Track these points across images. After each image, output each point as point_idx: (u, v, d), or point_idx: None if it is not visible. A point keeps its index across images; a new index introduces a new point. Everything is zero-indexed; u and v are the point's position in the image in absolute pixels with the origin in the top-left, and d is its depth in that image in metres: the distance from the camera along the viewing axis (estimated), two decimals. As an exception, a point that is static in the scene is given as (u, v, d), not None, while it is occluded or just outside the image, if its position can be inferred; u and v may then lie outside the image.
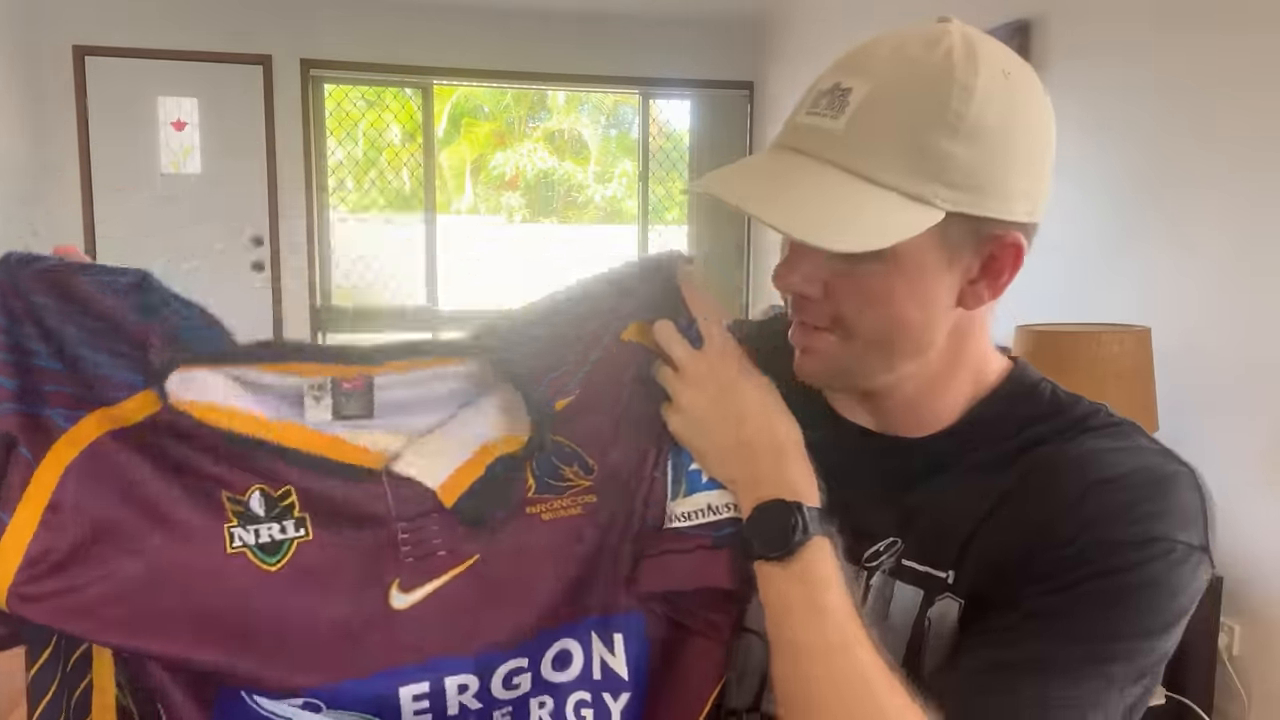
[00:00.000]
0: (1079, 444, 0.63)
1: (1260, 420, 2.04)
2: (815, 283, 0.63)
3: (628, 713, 0.62)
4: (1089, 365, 1.92)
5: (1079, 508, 0.59)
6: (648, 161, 5.45)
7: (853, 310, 0.62)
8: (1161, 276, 2.33)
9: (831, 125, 0.59)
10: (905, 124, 0.58)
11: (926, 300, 0.63)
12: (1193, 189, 2.23)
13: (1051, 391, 0.68)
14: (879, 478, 0.68)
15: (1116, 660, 0.57)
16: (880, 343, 0.63)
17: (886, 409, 0.69)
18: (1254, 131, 2.06)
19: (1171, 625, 0.59)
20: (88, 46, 4.47)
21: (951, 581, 0.63)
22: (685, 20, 5.10)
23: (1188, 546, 0.58)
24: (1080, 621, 0.57)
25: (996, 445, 0.66)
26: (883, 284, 0.61)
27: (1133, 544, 0.57)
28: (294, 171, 4.78)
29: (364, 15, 4.78)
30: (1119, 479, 0.60)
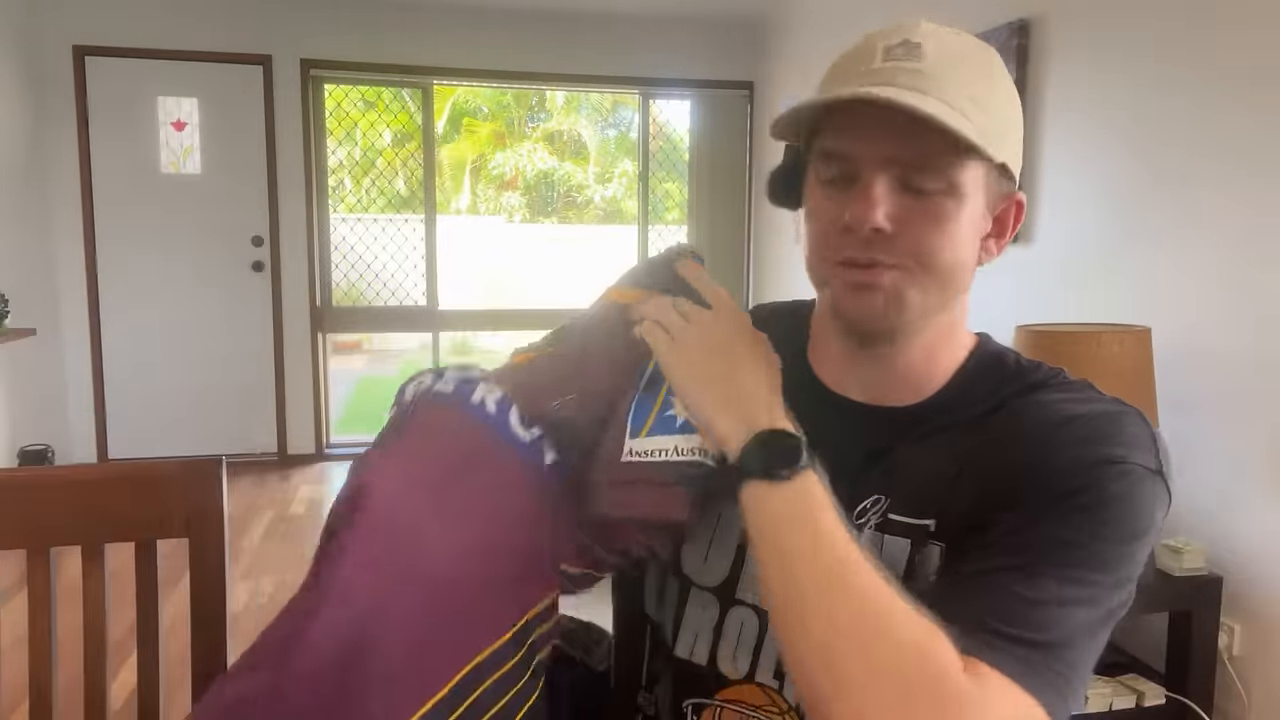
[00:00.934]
0: (1040, 397, 0.70)
1: (1260, 420, 2.04)
2: (891, 219, 0.66)
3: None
4: (1089, 365, 1.92)
5: (1040, 446, 0.65)
6: (648, 161, 5.45)
7: (928, 242, 0.66)
8: (1161, 276, 2.33)
9: (916, 66, 0.65)
10: (971, 75, 0.66)
11: (973, 241, 0.70)
12: (1193, 189, 2.23)
13: (1015, 359, 0.75)
14: (865, 443, 0.73)
15: (1081, 566, 0.61)
16: (943, 277, 0.68)
17: (889, 372, 0.74)
18: (1254, 131, 2.06)
19: (1132, 538, 0.62)
20: (88, 46, 4.47)
21: (933, 529, 0.68)
22: (685, 20, 5.10)
23: (1143, 468, 0.64)
24: (1044, 532, 0.62)
25: (971, 408, 0.72)
26: (953, 216, 0.66)
27: (1089, 464, 0.63)
28: (294, 171, 4.78)
29: (364, 15, 4.79)
30: (1076, 419, 0.67)
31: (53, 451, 4.14)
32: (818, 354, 0.79)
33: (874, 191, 0.65)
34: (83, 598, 0.94)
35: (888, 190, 0.65)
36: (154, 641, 0.96)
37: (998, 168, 0.68)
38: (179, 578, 0.98)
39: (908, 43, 0.66)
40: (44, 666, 0.93)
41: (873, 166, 0.66)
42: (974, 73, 0.66)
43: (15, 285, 3.93)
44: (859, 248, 0.67)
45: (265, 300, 4.84)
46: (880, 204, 0.65)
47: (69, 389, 4.64)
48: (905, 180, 0.66)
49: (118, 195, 4.60)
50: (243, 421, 4.89)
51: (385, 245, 5.26)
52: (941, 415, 0.72)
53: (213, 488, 0.96)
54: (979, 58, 0.68)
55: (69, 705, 0.97)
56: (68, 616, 0.99)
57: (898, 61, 0.65)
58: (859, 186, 0.66)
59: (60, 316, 4.58)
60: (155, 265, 4.69)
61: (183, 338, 4.77)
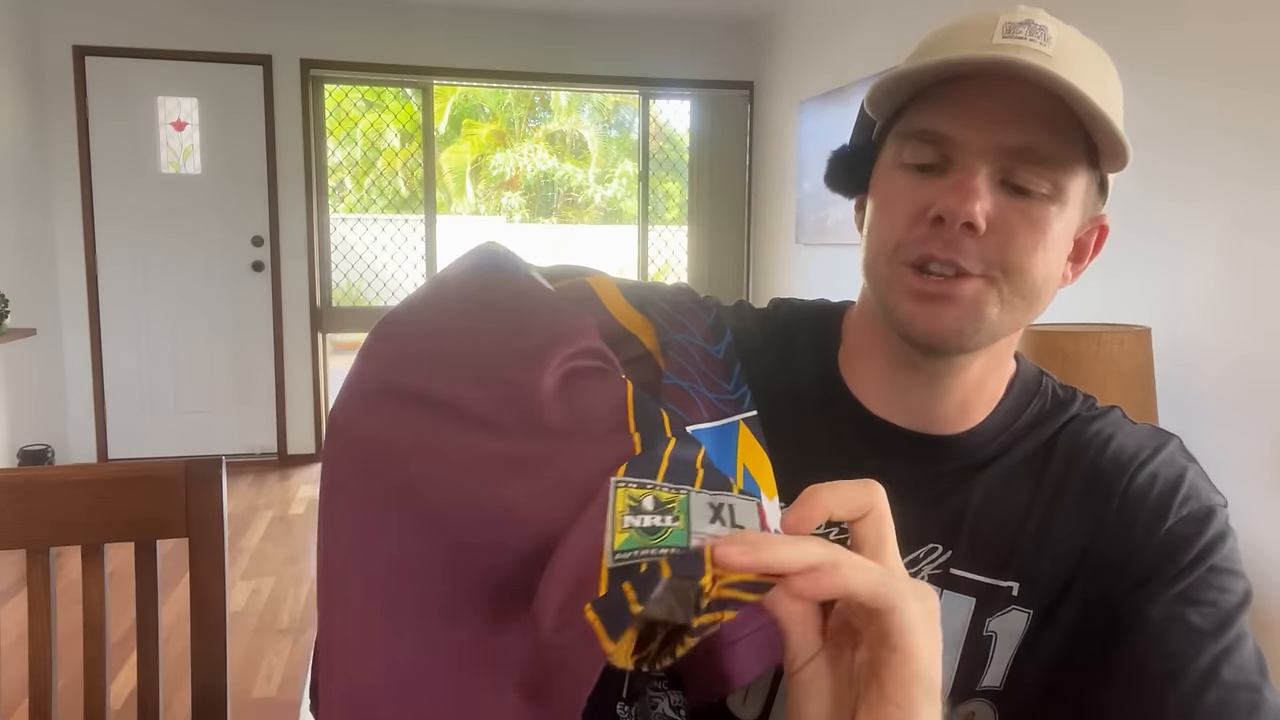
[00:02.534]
0: (1091, 436, 0.66)
1: (1260, 420, 2.04)
2: (987, 218, 0.57)
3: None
4: (1089, 365, 1.92)
5: (1132, 503, 0.62)
6: (648, 162, 5.45)
7: (1022, 249, 0.58)
8: (1161, 276, 2.33)
9: (1043, 48, 0.56)
10: (1097, 70, 0.58)
11: (1064, 259, 0.62)
12: (1193, 189, 2.23)
13: (1050, 384, 0.70)
14: (914, 479, 0.64)
15: (1241, 616, 0.60)
16: (1030, 294, 0.60)
17: (941, 395, 0.65)
18: (1255, 130, 2.06)
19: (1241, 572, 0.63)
20: (88, 46, 4.47)
21: (1017, 593, 0.63)
22: (685, 20, 5.10)
23: (1222, 501, 0.64)
24: (1209, 606, 0.59)
25: (1025, 443, 0.66)
26: (1054, 225, 0.58)
27: (1197, 519, 0.62)
28: (294, 171, 4.78)
29: (364, 15, 4.79)
30: (1146, 464, 0.64)
31: (53, 451, 4.14)
32: (853, 368, 0.68)
33: (975, 181, 0.57)
34: (83, 598, 0.94)
35: (988, 184, 0.57)
36: (154, 641, 0.96)
37: (1098, 183, 0.61)
38: (179, 578, 0.98)
39: (1032, 24, 0.58)
40: (44, 666, 0.93)
41: (975, 154, 0.57)
42: (1097, 69, 0.58)
43: (15, 285, 3.93)
44: (942, 245, 0.58)
45: (265, 300, 4.84)
46: (980, 196, 0.56)
47: (69, 389, 4.64)
48: (1007, 175, 0.58)
49: (118, 195, 4.60)
50: (243, 421, 4.89)
51: (385, 245, 5.26)
52: (992, 448, 0.66)
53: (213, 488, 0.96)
54: (1100, 56, 0.60)
55: (69, 705, 0.97)
56: (68, 616, 0.99)
57: (1022, 40, 0.57)
58: (954, 174, 0.58)
59: (60, 316, 4.58)
60: (155, 265, 4.69)
61: (183, 338, 4.77)
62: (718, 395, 0.63)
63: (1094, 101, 0.54)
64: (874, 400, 0.67)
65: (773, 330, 0.72)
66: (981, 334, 0.60)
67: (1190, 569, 0.60)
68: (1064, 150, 0.57)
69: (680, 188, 5.58)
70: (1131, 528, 0.62)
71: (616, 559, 0.44)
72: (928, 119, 0.59)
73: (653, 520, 0.45)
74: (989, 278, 0.59)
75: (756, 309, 0.75)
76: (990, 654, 0.63)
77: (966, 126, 0.58)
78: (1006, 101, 0.56)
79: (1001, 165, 0.57)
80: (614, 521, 0.45)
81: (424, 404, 0.53)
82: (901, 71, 0.58)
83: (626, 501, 0.47)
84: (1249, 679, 0.57)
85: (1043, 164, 0.57)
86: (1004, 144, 0.57)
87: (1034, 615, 0.63)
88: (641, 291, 0.67)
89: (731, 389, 0.64)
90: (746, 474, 0.59)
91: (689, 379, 0.62)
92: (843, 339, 0.70)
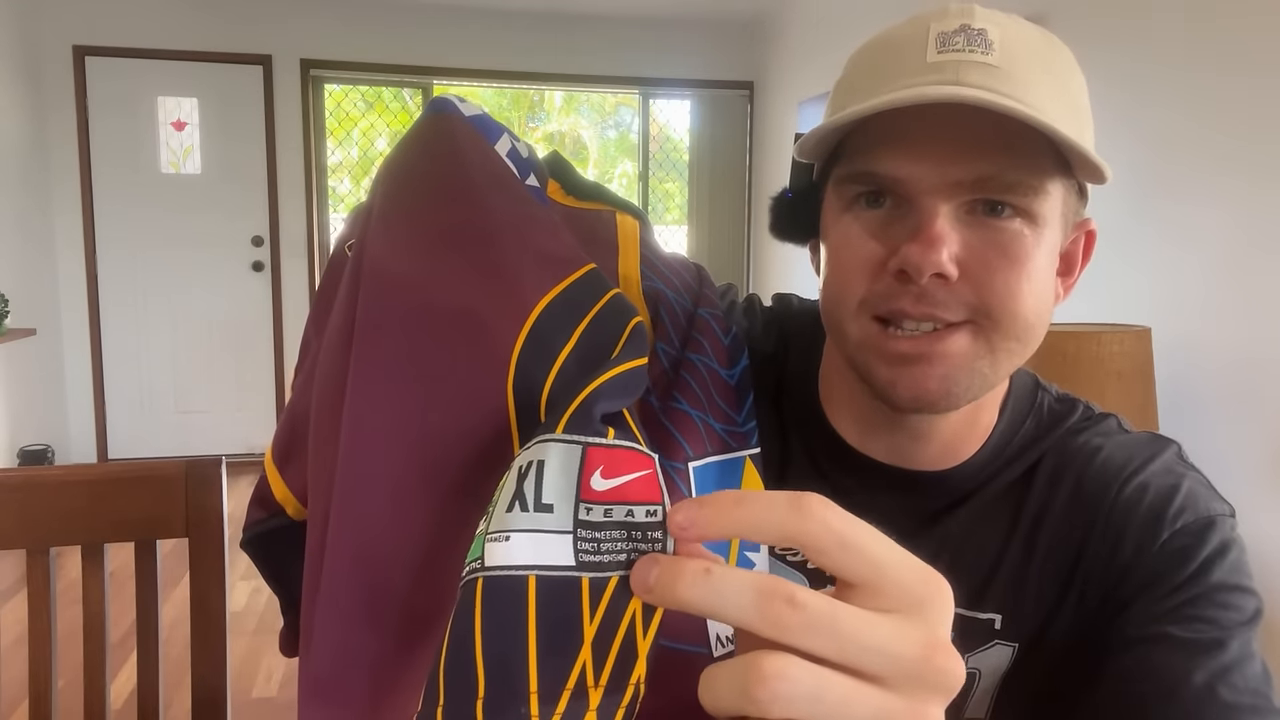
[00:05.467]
0: (1077, 448, 0.61)
1: (1260, 420, 2.04)
2: (957, 261, 0.51)
3: None
4: (1089, 365, 1.92)
5: (1119, 519, 0.57)
6: (648, 162, 5.45)
7: (1003, 287, 0.51)
8: (1162, 276, 2.33)
9: (985, 59, 0.50)
10: (1049, 68, 0.52)
11: (1052, 283, 0.55)
12: (1193, 188, 2.23)
13: (1045, 399, 0.64)
14: (897, 513, 0.57)
15: (1246, 633, 0.54)
16: (1023, 333, 0.53)
17: (924, 440, 0.59)
18: (1257, 129, 2.06)
19: (1247, 577, 0.57)
20: (88, 46, 4.47)
21: (999, 626, 0.59)
22: (685, 20, 5.10)
23: (1227, 510, 0.59)
24: (1205, 623, 0.53)
25: (1011, 469, 0.61)
26: (1033, 253, 0.51)
27: (1194, 531, 0.56)
28: (294, 171, 4.78)
29: (364, 15, 4.79)
30: (1136, 475, 0.58)
31: (53, 451, 4.14)
32: (832, 395, 0.63)
33: (937, 226, 0.50)
34: (83, 598, 0.94)
35: (952, 223, 0.51)
36: (154, 641, 0.96)
37: (1076, 188, 0.54)
38: (179, 578, 0.98)
39: (968, 29, 0.50)
40: (44, 666, 0.93)
41: (933, 193, 0.50)
42: (1050, 66, 0.52)
43: (15, 285, 3.93)
44: (913, 301, 0.51)
45: (265, 300, 4.84)
46: (945, 241, 0.50)
47: (69, 389, 4.64)
48: (972, 208, 0.51)
49: (118, 195, 4.60)
50: (243, 421, 4.89)
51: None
52: (980, 478, 0.61)
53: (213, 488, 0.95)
54: (1051, 48, 0.53)
55: (69, 705, 0.97)
56: (68, 616, 0.99)
57: (960, 53, 0.50)
58: (913, 218, 0.51)
59: (60, 316, 4.58)
60: (155, 265, 4.69)
61: (183, 337, 4.77)
62: (726, 427, 0.58)
63: (1051, 125, 0.47)
64: (852, 435, 0.62)
65: (776, 341, 0.67)
66: (974, 390, 0.54)
67: (1188, 585, 0.54)
68: (1029, 171, 0.50)
69: (680, 188, 5.58)
70: (1120, 546, 0.57)
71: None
72: (871, 160, 0.52)
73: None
74: (975, 325, 0.52)
75: (764, 309, 0.70)
76: (973, 691, 0.60)
77: (916, 164, 0.51)
78: (957, 130, 0.49)
79: (964, 199, 0.51)
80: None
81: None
82: (828, 125, 0.52)
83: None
84: (1252, 701, 0.50)
85: (1009, 191, 0.50)
86: (961, 178, 0.50)
87: (1018, 650, 0.59)
88: (659, 280, 0.59)
89: (741, 421, 0.59)
90: None
91: (699, 408, 0.57)
92: (824, 361, 0.64)
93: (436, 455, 0.44)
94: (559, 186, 0.61)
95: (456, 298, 0.47)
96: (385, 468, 0.45)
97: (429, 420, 0.45)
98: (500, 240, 0.49)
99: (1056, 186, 0.52)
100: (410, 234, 0.50)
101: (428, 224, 0.50)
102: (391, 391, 0.45)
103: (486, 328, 0.45)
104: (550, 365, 0.44)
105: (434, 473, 0.44)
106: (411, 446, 0.45)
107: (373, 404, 0.45)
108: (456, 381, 0.45)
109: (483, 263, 0.48)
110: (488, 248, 0.48)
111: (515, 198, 0.52)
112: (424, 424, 0.45)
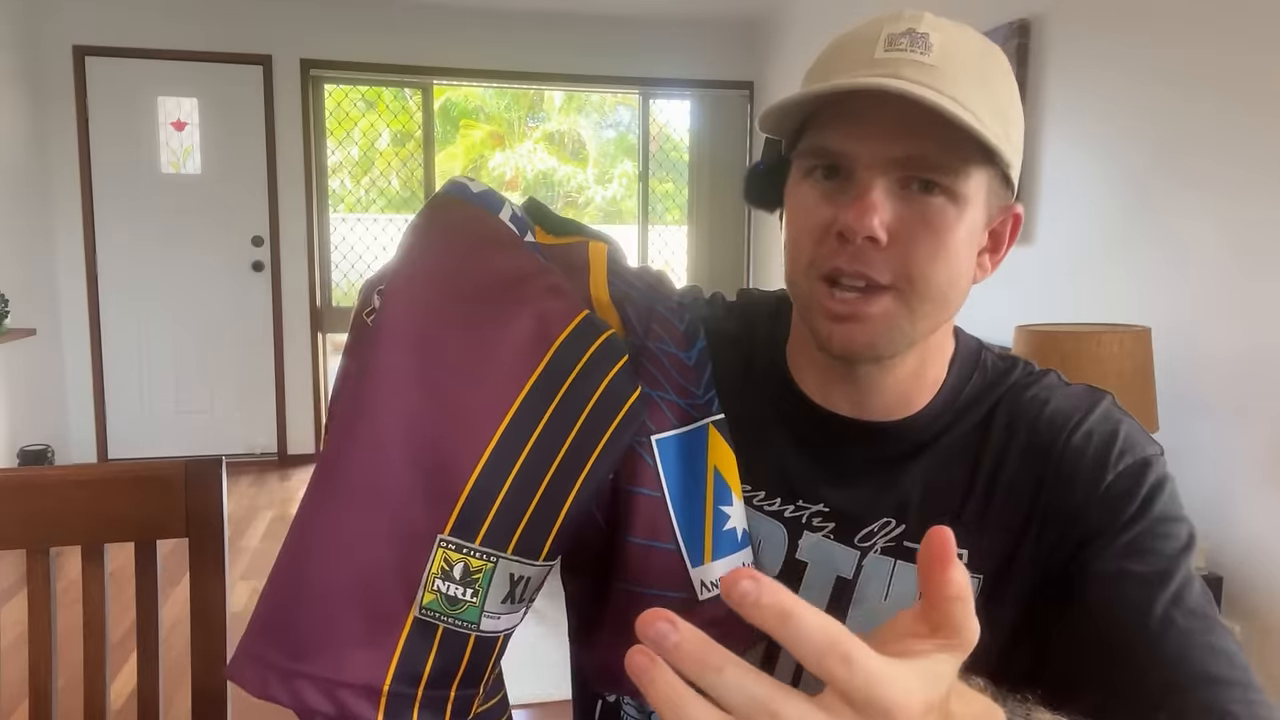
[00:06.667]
0: (1027, 402, 0.68)
1: (1260, 420, 2.04)
2: (888, 229, 0.60)
3: None
4: (1089, 365, 1.92)
5: (1070, 463, 0.65)
6: (648, 162, 5.45)
7: (923, 257, 0.60)
8: (1161, 276, 2.33)
9: (923, 59, 0.59)
10: (980, 72, 0.60)
11: (971, 255, 0.64)
12: (1193, 189, 2.23)
13: (989, 358, 0.73)
14: (864, 462, 0.69)
15: (1187, 559, 0.62)
16: (938, 299, 0.62)
17: (875, 391, 0.68)
18: (1255, 130, 2.06)
19: (1181, 508, 0.66)
20: (88, 46, 4.47)
21: (966, 560, 0.65)
22: (685, 20, 5.10)
23: (1158, 450, 0.66)
24: (1154, 555, 0.62)
25: (967, 418, 0.69)
26: (953, 228, 0.61)
27: (1135, 472, 0.64)
28: (294, 171, 4.78)
29: (364, 15, 4.79)
30: (1081, 424, 0.66)
31: (53, 451, 4.14)
32: (798, 362, 0.72)
33: (872, 196, 0.59)
34: (83, 598, 0.94)
35: (886, 195, 0.60)
36: (154, 641, 0.96)
37: (1000, 176, 0.63)
38: (179, 578, 0.98)
39: (913, 32, 0.60)
40: (44, 666, 0.93)
41: (871, 167, 0.60)
42: (982, 70, 0.61)
43: (15, 285, 3.93)
44: (849, 259, 0.60)
45: (265, 300, 4.84)
46: (878, 210, 0.59)
47: (69, 389, 4.64)
48: (905, 184, 0.60)
49: (118, 195, 4.60)
50: (243, 421, 4.89)
51: (385, 245, 5.25)
52: (936, 427, 0.69)
53: (213, 488, 0.96)
54: (986, 55, 0.62)
55: (69, 705, 0.97)
56: (68, 616, 0.99)
57: (903, 52, 0.59)
58: (854, 189, 0.60)
59: (60, 316, 4.58)
60: (155, 265, 4.69)
61: (183, 337, 4.77)
62: (687, 400, 0.66)
63: (957, 113, 0.56)
64: (817, 393, 0.71)
65: (739, 321, 0.76)
66: (896, 344, 0.64)
67: (1133, 522, 0.62)
68: (954, 155, 0.59)
69: (680, 188, 5.58)
70: (1071, 488, 0.64)
71: (422, 613, 0.54)
72: (823, 137, 0.62)
73: (455, 590, 0.54)
74: (897, 290, 0.61)
75: (728, 301, 0.80)
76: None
77: (858, 142, 0.60)
78: (893, 115, 0.58)
79: (897, 176, 0.60)
80: (427, 578, 0.54)
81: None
82: (784, 101, 0.60)
83: (441, 564, 0.54)
84: (1202, 622, 0.59)
85: (935, 170, 0.59)
86: (894, 156, 0.59)
87: (984, 580, 0.65)
88: (623, 285, 0.69)
89: (701, 393, 0.67)
90: (717, 474, 0.64)
91: (659, 388, 0.65)
92: (791, 330, 0.74)
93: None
94: (540, 229, 0.70)
95: (473, 339, 0.59)
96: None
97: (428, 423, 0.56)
98: (506, 294, 0.61)
99: (980, 171, 0.61)
100: (429, 288, 0.61)
101: (447, 281, 0.61)
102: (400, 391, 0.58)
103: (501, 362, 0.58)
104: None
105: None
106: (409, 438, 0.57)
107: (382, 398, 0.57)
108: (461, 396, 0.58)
109: (493, 313, 0.60)
110: (497, 299, 0.60)
111: (518, 255, 0.63)
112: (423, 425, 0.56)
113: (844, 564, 0.68)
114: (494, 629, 0.56)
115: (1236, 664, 0.58)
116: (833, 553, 0.68)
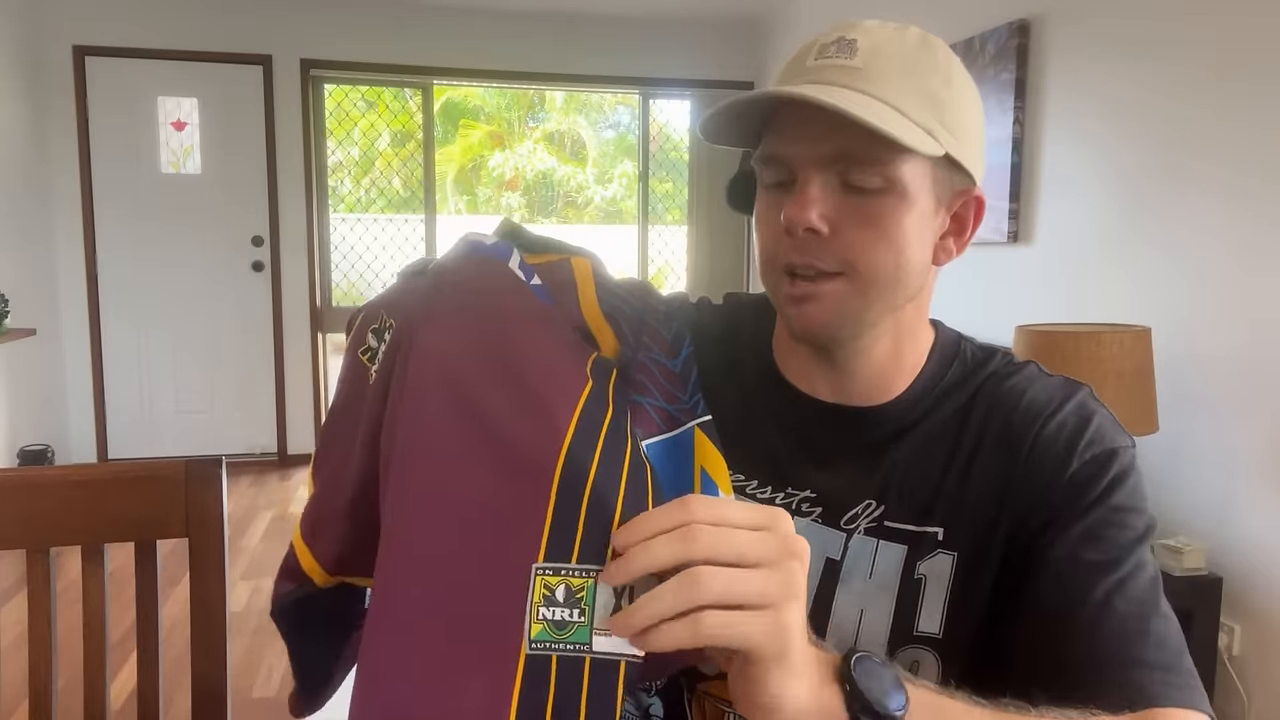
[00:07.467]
0: (1006, 391, 0.71)
1: (1260, 420, 2.04)
2: (827, 220, 0.64)
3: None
4: (1089, 365, 1.92)
5: (1040, 452, 0.68)
6: (648, 161, 5.45)
7: (865, 245, 0.64)
8: (1161, 276, 2.33)
9: (848, 63, 0.64)
10: (909, 67, 0.64)
11: (922, 241, 0.67)
12: (1193, 188, 2.23)
13: (969, 348, 0.76)
14: (846, 447, 0.72)
15: (1139, 549, 0.65)
16: (886, 283, 0.66)
17: (854, 375, 0.72)
18: (1254, 130, 2.06)
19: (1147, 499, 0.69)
20: (88, 46, 4.47)
21: (942, 539, 0.69)
22: (685, 20, 5.10)
23: (1128, 442, 0.69)
24: (1107, 543, 0.64)
25: (947, 404, 0.72)
26: (892, 216, 0.64)
27: (1099, 462, 0.66)
28: (294, 171, 4.78)
29: (364, 15, 4.79)
30: (1055, 415, 0.69)
31: (53, 451, 4.14)
32: (783, 352, 0.77)
33: (808, 191, 0.64)
34: (82, 598, 0.94)
35: (824, 190, 0.64)
36: (154, 641, 0.96)
37: (946, 162, 0.65)
38: (179, 578, 0.98)
39: (842, 40, 0.65)
40: (44, 666, 0.93)
41: (808, 166, 0.64)
42: (912, 65, 0.64)
43: (15, 285, 3.93)
44: (798, 252, 0.66)
45: (265, 300, 4.84)
46: (814, 204, 0.64)
47: (69, 389, 4.64)
48: (844, 179, 0.64)
49: (118, 195, 4.60)
50: (243, 421, 4.89)
51: (385, 245, 5.25)
52: (916, 412, 0.72)
53: (213, 488, 0.96)
54: (919, 50, 0.66)
55: (69, 705, 0.97)
56: (68, 616, 0.99)
57: (830, 59, 0.65)
58: (796, 187, 0.65)
59: (60, 316, 4.58)
60: (155, 265, 4.69)
61: (183, 337, 4.77)
62: (674, 406, 0.68)
63: (853, 113, 0.59)
64: (801, 381, 0.75)
65: (726, 322, 0.80)
66: (853, 324, 0.68)
67: (1091, 509, 0.65)
68: (883, 148, 0.62)
69: (680, 188, 5.58)
70: (1039, 474, 0.67)
71: (533, 648, 0.51)
72: (770, 144, 0.68)
73: (562, 614, 0.52)
74: (845, 275, 0.65)
75: (714, 305, 0.84)
76: (921, 596, 0.69)
77: (794, 144, 0.65)
78: (822, 117, 0.61)
79: (836, 171, 0.64)
80: (531, 610, 0.52)
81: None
82: (712, 113, 0.67)
83: (542, 591, 0.52)
84: (1140, 608, 0.62)
85: (866, 164, 0.63)
86: (824, 153, 0.64)
87: (959, 558, 0.69)
88: (613, 299, 0.71)
89: (687, 397, 0.69)
90: (704, 475, 0.65)
91: (648, 395, 0.67)
92: (776, 325, 0.78)
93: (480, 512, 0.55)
94: (519, 251, 0.71)
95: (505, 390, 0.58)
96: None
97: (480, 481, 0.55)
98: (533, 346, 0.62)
99: (916, 161, 0.64)
100: (455, 334, 0.61)
101: (472, 324, 0.62)
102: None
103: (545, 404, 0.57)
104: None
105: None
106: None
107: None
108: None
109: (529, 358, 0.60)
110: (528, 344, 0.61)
111: (531, 307, 0.65)
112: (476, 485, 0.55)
113: (832, 546, 0.71)
114: (607, 649, 0.53)
115: (1166, 648, 0.61)
116: (821, 536, 0.71)
